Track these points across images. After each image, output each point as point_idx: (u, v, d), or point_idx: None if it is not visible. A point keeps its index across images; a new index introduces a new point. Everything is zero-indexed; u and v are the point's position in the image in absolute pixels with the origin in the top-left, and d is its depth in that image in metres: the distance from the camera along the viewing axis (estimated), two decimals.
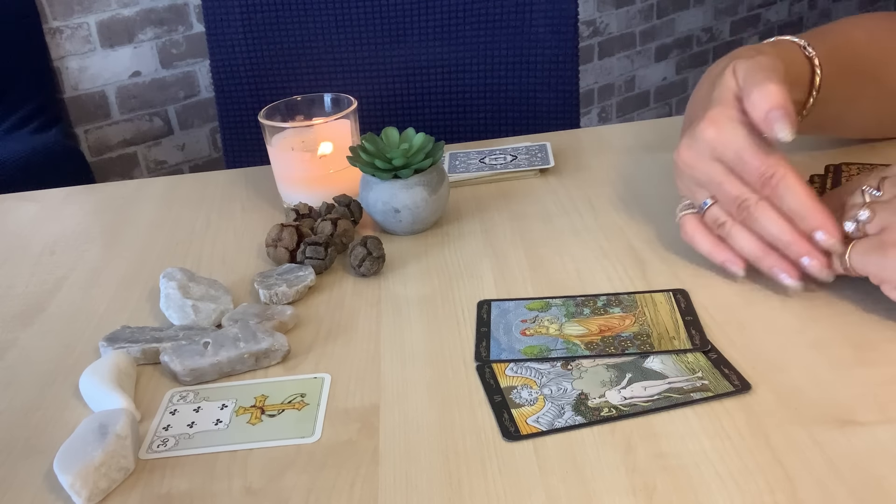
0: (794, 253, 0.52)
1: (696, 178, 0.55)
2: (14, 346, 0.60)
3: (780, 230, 0.52)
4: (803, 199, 0.51)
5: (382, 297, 0.60)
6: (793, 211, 0.51)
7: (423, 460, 0.44)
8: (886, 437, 0.42)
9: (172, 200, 0.82)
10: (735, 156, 0.53)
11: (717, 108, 0.54)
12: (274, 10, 1.17)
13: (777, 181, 0.51)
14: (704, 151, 0.54)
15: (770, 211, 0.52)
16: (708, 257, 0.57)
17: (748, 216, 0.53)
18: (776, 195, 0.52)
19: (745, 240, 0.54)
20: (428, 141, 0.67)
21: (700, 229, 0.57)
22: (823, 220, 0.50)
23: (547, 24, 1.14)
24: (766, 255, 0.53)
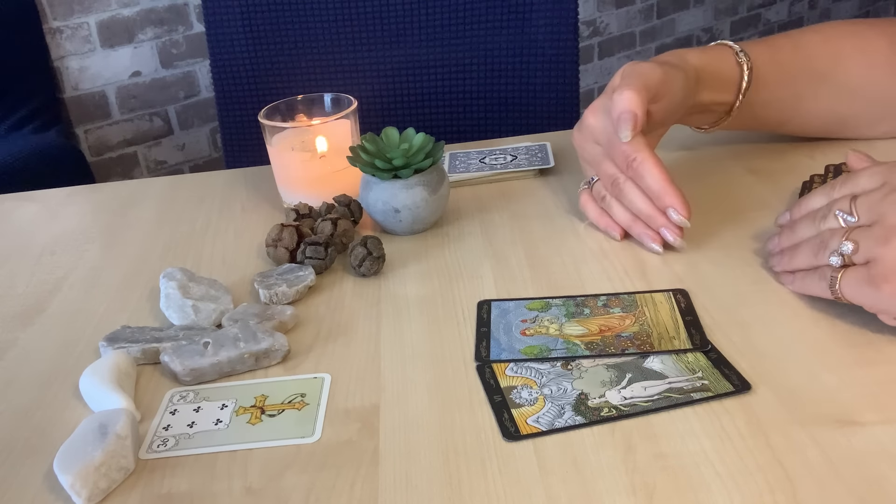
0: (655, 224, 0.61)
1: (584, 157, 0.66)
2: (14, 346, 0.60)
3: (642, 205, 0.61)
4: (658, 181, 0.59)
5: (382, 297, 0.60)
6: (650, 190, 0.60)
7: (423, 460, 0.44)
8: (886, 437, 0.42)
9: (172, 200, 0.82)
10: (607, 141, 0.62)
11: (599, 100, 0.63)
12: (274, 10, 1.17)
13: (638, 164, 0.60)
14: (588, 135, 0.64)
15: (635, 189, 0.61)
16: (595, 224, 0.65)
17: (619, 192, 0.62)
18: (637, 176, 0.60)
19: (619, 211, 0.63)
20: (428, 141, 0.67)
21: (590, 201, 0.66)
22: (673, 199, 0.59)
23: (547, 25, 1.14)
24: (635, 224, 0.62)
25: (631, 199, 0.61)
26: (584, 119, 0.64)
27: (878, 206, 0.49)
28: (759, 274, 0.57)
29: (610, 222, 0.64)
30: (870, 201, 0.50)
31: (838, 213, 0.51)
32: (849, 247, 0.49)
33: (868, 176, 0.52)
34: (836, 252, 0.50)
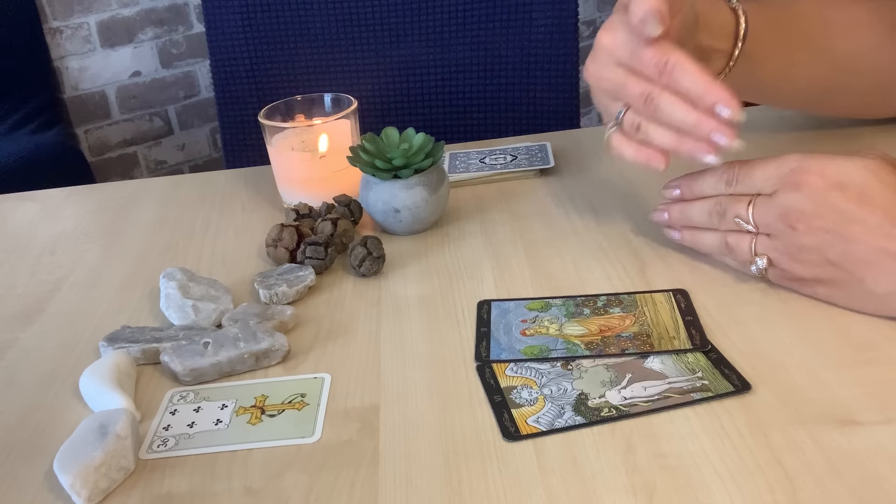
0: (703, 131, 0.53)
1: (605, 88, 0.57)
2: (14, 346, 0.60)
3: (684, 113, 0.53)
4: (698, 78, 0.52)
5: (382, 297, 0.60)
6: (691, 92, 0.52)
7: (423, 460, 0.44)
8: (886, 437, 0.42)
9: (172, 200, 0.82)
10: (631, 54, 0.54)
11: (610, 19, 0.56)
12: (274, 10, 1.17)
13: (671, 66, 0.53)
14: (605, 59, 0.56)
15: (672, 98, 0.53)
16: (635, 162, 0.57)
17: (655, 108, 0.54)
18: (673, 81, 0.53)
19: (660, 133, 0.55)
20: (428, 141, 0.67)
21: (623, 140, 0.57)
22: (720, 94, 0.51)
23: (547, 24, 1.14)
24: (682, 141, 0.54)
25: (671, 110, 0.54)
26: (598, 42, 0.57)
27: (774, 223, 0.52)
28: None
29: (651, 153, 0.56)
30: (765, 212, 0.53)
31: (738, 220, 0.54)
32: (763, 262, 0.54)
33: (763, 178, 0.53)
34: (754, 267, 0.54)
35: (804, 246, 0.51)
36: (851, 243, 0.49)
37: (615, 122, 0.58)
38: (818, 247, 0.50)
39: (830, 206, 0.49)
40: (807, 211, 0.50)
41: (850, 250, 0.49)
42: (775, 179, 0.52)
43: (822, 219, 0.49)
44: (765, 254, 0.53)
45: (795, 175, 0.51)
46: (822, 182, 0.50)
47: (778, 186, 0.52)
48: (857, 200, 0.49)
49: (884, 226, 0.48)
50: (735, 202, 0.54)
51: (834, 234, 0.49)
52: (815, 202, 0.50)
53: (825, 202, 0.49)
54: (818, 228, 0.50)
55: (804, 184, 0.50)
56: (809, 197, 0.50)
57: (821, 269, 0.51)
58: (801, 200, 0.50)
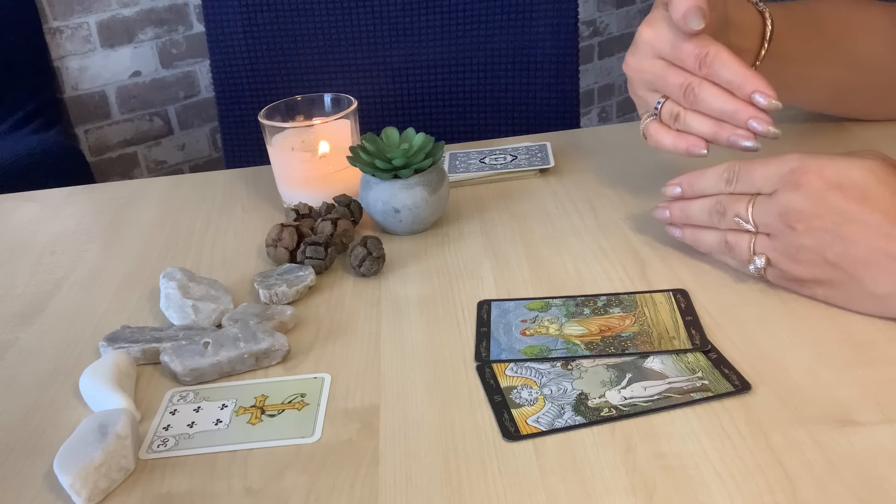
0: (741, 119, 0.56)
1: (644, 80, 0.60)
2: (14, 346, 0.60)
3: (723, 102, 0.56)
4: (737, 69, 0.55)
5: (382, 297, 0.60)
6: (730, 82, 0.56)
7: (423, 460, 0.44)
8: (886, 437, 0.42)
9: (172, 200, 0.82)
10: (671, 47, 0.57)
11: (652, 14, 0.60)
12: (274, 10, 1.17)
13: (711, 58, 0.56)
14: (646, 52, 0.59)
15: (712, 87, 0.57)
16: (675, 151, 0.60)
17: (694, 98, 0.57)
18: (713, 72, 0.56)
19: (699, 121, 0.58)
20: (428, 141, 0.67)
21: (661, 129, 0.61)
22: (758, 83, 0.55)
23: (547, 24, 1.14)
24: (721, 129, 0.57)
25: (710, 99, 0.57)
26: (639, 36, 0.60)
27: (774, 223, 0.52)
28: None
29: (692, 139, 0.59)
30: (764, 212, 0.53)
31: (738, 219, 0.54)
32: (762, 261, 0.54)
33: (763, 177, 0.53)
34: (752, 267, 0.54)
35: (803, 246, 0.51)
36: (851, 244, 0.49)
37: (652, 113, 0.61)
38: (817, 247, 0.50)
39: (830, 206, 0.49)
40: (806, 211, 0.50)
41: (850, 251, 0.49)
42: (775, 179, 0.52)
43: (822, 219, 0.49)
44: (763, 253, 0.53)
45: (795, 175, 0.51)
46: (821, 182, 0.50)
47: (778, 186, 0.52)
48: (856, 201, 0.49)
49: (883, 226, 0.48)
50: (735, 201, 0.54)
51: (833, 235, 0.49)
52: (814, 202, 0.50)
53: (824, 202, 0.49)
54: (817, 228, 0.50)
55: (804, 184, 0.50)
56: (809, 197, 0.50)
57: (820, 270, 0.51)
58: (800, 200, 0.50)
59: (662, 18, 0.58)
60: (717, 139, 0.58)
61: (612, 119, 2.98)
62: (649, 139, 0.62)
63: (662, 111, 0.60)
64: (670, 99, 0.59)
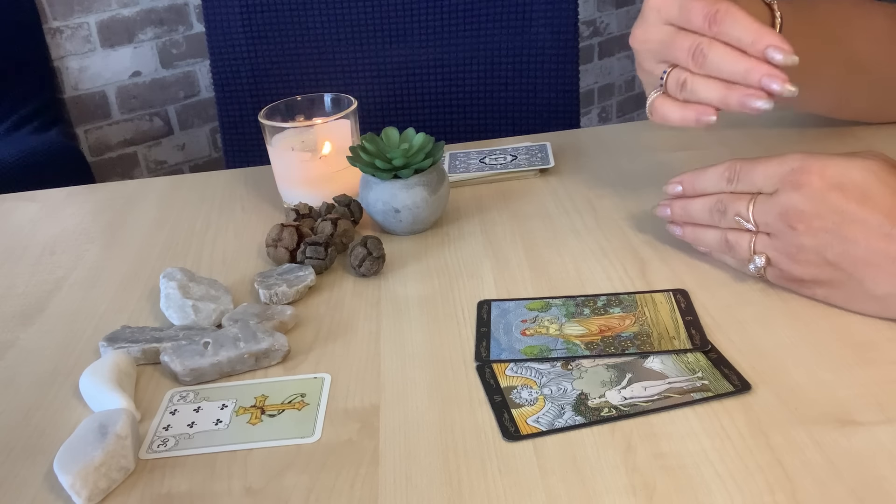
0: (754, 78, 0.53)
1: (651, 49, 0.57)
2: (14, 346, 0.60)
3: (735, 61, 0.53)
4: (749, 25, 0.52)
5: (382, 297, 0.60)
6: (741, 40, 0.53)
7: (423, 460, 0.44)
8: (886, 437, 0.42)
9: (172, 200, 0.82)
10: (679, 9, 0.55)
11: None
12: (274, 10, 1.17)
13: (722, 15, 0.53)
14: (653, 20, 0.57)
15: (722, 47, 0.53)
16: (682, 123, 0.57)
17: (704, 59, 0.54)
18: (724, 31, 0.53)
19: (708, 86, 0.55)
20: (428, 141, 0.67)
21: (666, 101, 0.57)
22: (772, 37, 0.52)
23: (547, 24, 1.14)
24: (731, 91, 0.54)
25: (720, 59, 0.53)
26: (646, 5, 0.57)
27: (774, 222, 0.52)
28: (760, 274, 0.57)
29: (700, 108, 0.56)
30: (765, 211, 0.53)
31: (738, 218, 0.54)
32: (762, 260, 0.54)
33: (764, 177, 0.53)
34: (752, 265, 0.54)
35: (803, 246, 0.51)
36: (851, 244, 0.49)
37: (658, 87, 0.58)
38: (817, 247, 0.50)
39: (830, 206, 0.49)
40: (806, 211, 0.50)
41: (850, 251, 0.49)
42: (776, 178, 0.52)
43: (822, 219, 0.49)
44: (763, 252, 0.53)
45: (796, 175, 0.51)
46: (822, 182, 0.50)
47: (779, 186, 0.52)
48: (857, 201, 0.49)
49: (884, 227, 0.48)
50: (736, 200, 0.54)
51: (833, 235, 0.49)
52: (814, 202, 0.50)
53: (825, 202, 0.49)
54: (818, 228, 0.50)
55: (804, 183, 0.50)
56: (809, 197, 0.50)
57: (819, 270, 0.51)
58: (801, 200, 0.50)
59: None
60: (726, 103, 0.54)
61: (612, 119, 2.98)
62: (654, 115, 0.59)
63: (668, 80, 0.57)
64: (677, 67, 0.56)
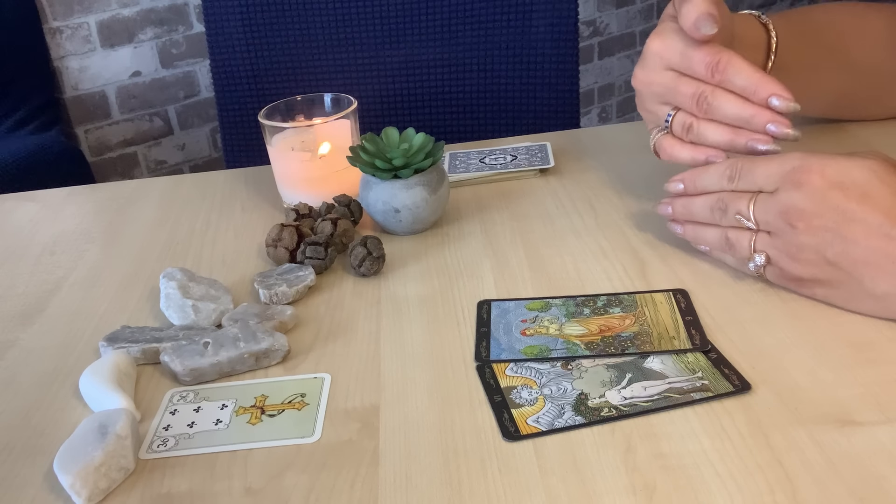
0: (758, 124, 0.55)
1: (654, 92, 0.59)
2: (14, 346, 0.60)
3: (739, 108, 0.55)
4: (750, 74, 0.54)
5: (382, 297, 0.60)
6: (744, 88, 0.55)
7: (423, 460, 0.44)
8: (886, 437, 0.42)
9: (172, 200, 0.82)
10: (681, 56, 0.57)
11: (660, 26, 0.59)
12: (274, 10, 1.17)
13: (724, 65, 0.55)
14: (655, 64, 0.59)
15: (726, 94, 0.56)
16: (693, 163, 0.59)
17: (708, 107, 0.56)
18: (726, 79, 0.55)
19: (713, 130, 0.57)
20: (428, 141, 0.67)
21: (675, 142, 0.60)
22: (774, 87, 0.54)
23: (547, 24, 1.14)
24: (737, 135, 0.56)
25: (724, 107, 0.56)
26: (647, 49, 0.59)
27: (775, 221, 0.52)
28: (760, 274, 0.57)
29: (710, 150, 0.58)
30: (765, 209, 0.53)
31: (739, 217, 0.54)
32: (762, 259, 0.54)
33: (765, 175, 0.53)
34: (752, 264, 0.54)
35: (803, 245, 0.51)
36: (851, 243, 0.49)
37: (662, 127, 0.60)
38: (817, 246, 0.50)
39: (831, 205, 0.49)
40: (807, 209, 0.50)
41: (850, 250, 0.49)
42: (777, 177, 0.52)
43: (822, 218, 0.49)
44: (763, 251, 0.53)
45: (797, 173, 0.51)
46: (822, 181, 0.50)
47: (779, 184, 0.52)
48: (857, 200, 0.49)
49: (884, 226, 0.48)
50: (737, 198, 0.54)
51: (833, 234, 0.49)
52: (815, 201, 0.50)
53: (825, 201, 0.49)
54: (818, 227, 0.50)
55: (805, 182, 0.50)
56: (810, 196, 0.50)
57: (819, 269, 0.51)
58: (801, 199, 0.50)
59: (671, 30, 0.58)
60: (734, 146, 0.57)
61: (612, 119, 2.98)
62: (662, 154, 0.61)
63: (674, 123, 0.59)
64: (682, 110, 0.58)
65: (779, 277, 0.54)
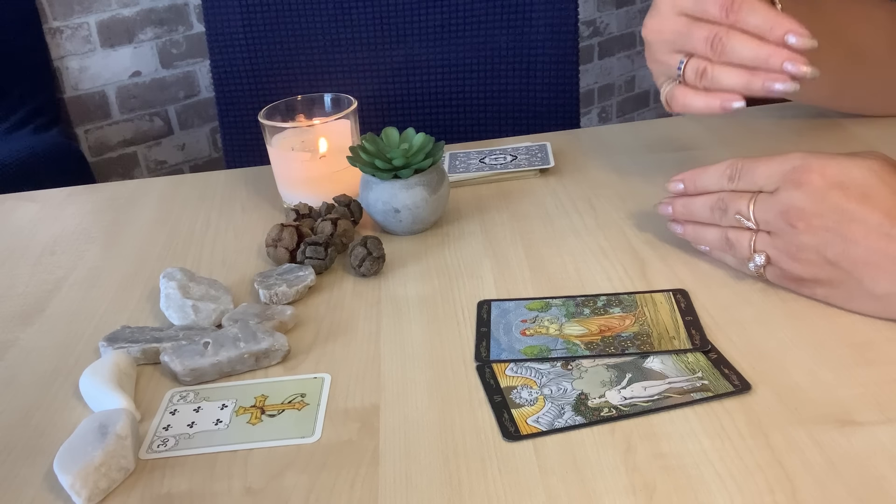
0: (776, 63, 0.54)
1: (666, 40, 0.58)
2: (14, 346, 0.60)
3: (755, 48, 0.54)
4: (766, 12, 0.54)
5: (382, 297, 0.60)
6: (760, 27, 0.54)
7: (423, 460, 0.44)
8: (886, 437, 0.42)
9: (172, 200, 0.82)
10: (693, 1, 0.56)
11: None
12: (274, 10, 1.17)
13: (738, 4, 0.54)
14: (668, 10, 0.58)
15: (741, 35, 0.55)
16: (707, 111, 0.58)
17: (723, 49, 0.55)
18: (741, 19, 0.54)
19: (730, 74, 0.56)
20: (428, 141, 0.67)
21: (688, 91, 0.58)
22: (790, 24, 0.53)
23: (547, 24, 1.14)
24: (754, 76, 0.55)
25: (740, 47, 0.55)
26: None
27: (775, 221, 0.52)
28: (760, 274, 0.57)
29: (725, 94, 0.57)
30: (765, 209, 0.53)
31: (739, 216, 0.54)
32: (762, 259, 0.54)
33: (765, 175, 0.53)
34: (752, 263, 0.54)
35: (803, 244, 0.51)
36: (851, 243, 0.49)
37: (675, 77, 0.59)
38: (817, 246, 0.50)
39: (831, 204, 0.49)
40: (807, 209, 0.50)
41: (850, 250, 0.49)
42: (777, 177, 0.52)
43: (822, 217, 0.50)
44: (764, 251, 0.53)
45: (797, 173, 0.51)
46: (823, 181, 0.50)
47: (780, 184, 0.52)
48: (857, 200, 0.49)
49: (884, 226, 0.48)
50: (737, 198, 0.54)
51: (834, 233, 0.49)
52: (815, 201, 0.50)
53: (825, 201, 0.49)
54: (818, 227, 0.50)
55: (805, 182, 0.50)
56: (810, 195, 0.50)
57: (819, 269, 0.51)
58: (801, 198, 0.50)
59: None
60: (750, 88, 0.55)
61: (612, 119, 2.98)
62: (674, 104, 0.59)
63: (687, 70, 0.58)
64: (695, 56, 0.57)
65: (779, 277, 0.54)
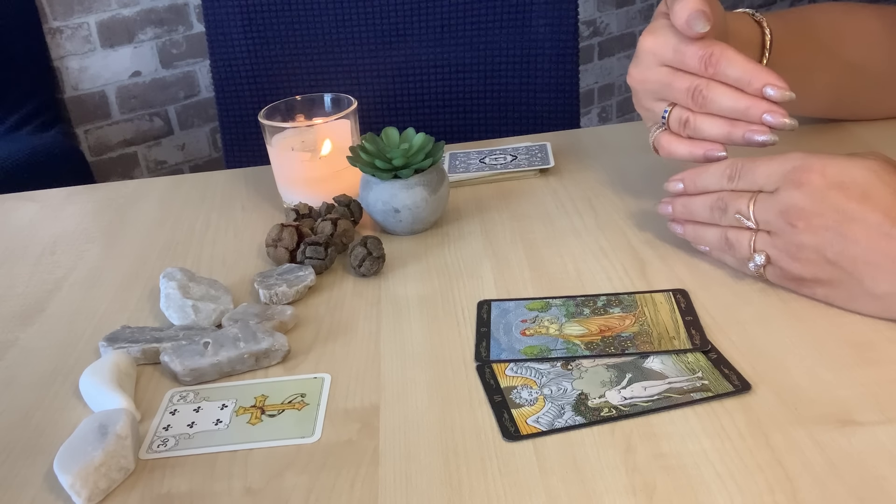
0: (755, 115, 0.55)
1: (650, 89, 0.59)
2: (14, 346, 0.60)
3: (735, 100, 0.55)
4: (744, 65, 0.54)
5: (382, 297, 0.60)
6: (738, 79, 0.55)
7: (423, 460, 0.44)
8: (886, 437, 0.42)
9: (172, 200, 0.82)
10: (674, 52, 0.57)
11: (652, 24, 0.59)
12: (274, 10, 1.17)
13: (717, 57, 0.55)
14: (649, 62, 0.59)
15: (720, 87, 0.55)
16: (691, 158, 0.58)
17: (703, 100, 0.56)
18: (720, 71, 0.55)
19: (710, 124, 0.57)
20: (428, 141, 0.67)
21: (673, 138, 0.59)
22: (768, 77, 0.54)
23: (547, 24, 1.14)
24: (734, 127, 0.56)
25: (720, 99, 0.55)
26: (640, 46, 0.59)
27: (775, 220, 0.52)
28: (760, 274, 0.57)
29: (707, 144, 0.57)
30: (765, 209, 0.53)
31: (738, 216, 0.54)
32: (761, 258, 0.54)
33: (765, 175, 0.53)
34: (752, 263, 0.54)
35: (803, 244, 0.51)
36: (851, 243, 0.49)
37: (660, 124, 0.60)
38: (817, 245, 0.50)
39: (831, 204, 0.49)
40: (807, 209, 0.50)
41: (850, 250, 0.49)
42: (777, 177, 0.52)
43: (822, 217, 0.50)
44: (763, 251, 0.53)
45: (797, 173, 0.51)
46: (823, 181, 0.50)
47: (780, 184, 0.52)
48: (857, 200, 0.49)
49: (883, 226, 0.48)
50: (737, 198, 0.54)
51: (834, 233, 0.49)
52: (815, 200, 0.50)
53: (826, 201, 0.49)
54: (818, 227, 0.50)
55: (805, 182, 0.50)
56: (810, 195, 0.50)
57: (819, 269, 0.51)
58: (801, 198, 0.50)
59: (663, 26, 0.58)
60: (731, 139, 0.56)
61: (612, 119, 2.98)
62: (661, 151, 0.60)
63: (671, 119, 0.59)
64: (678, 106, 0.58)
65: (779, 277, 0.54)
